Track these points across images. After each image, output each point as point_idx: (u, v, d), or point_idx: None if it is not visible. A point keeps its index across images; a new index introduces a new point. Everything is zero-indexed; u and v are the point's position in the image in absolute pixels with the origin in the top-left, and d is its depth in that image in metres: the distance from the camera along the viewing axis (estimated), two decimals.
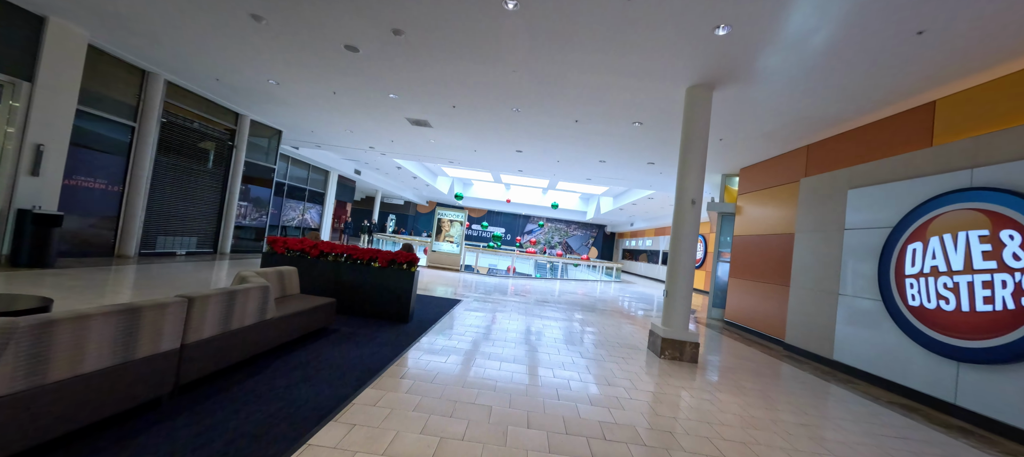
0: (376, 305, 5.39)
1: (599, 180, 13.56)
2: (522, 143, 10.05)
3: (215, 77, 8.06)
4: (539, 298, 9.62)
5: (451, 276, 12.47)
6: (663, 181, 12.14)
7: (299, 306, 3.97)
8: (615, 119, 7.36)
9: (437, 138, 10.62)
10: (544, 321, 6.88)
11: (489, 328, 5.83)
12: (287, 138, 13.16)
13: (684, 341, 5.26)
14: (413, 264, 5.46)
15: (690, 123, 5.57)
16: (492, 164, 12.97)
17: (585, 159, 10.82)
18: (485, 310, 7.27)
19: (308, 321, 4.03)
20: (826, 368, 5.92)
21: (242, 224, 11.25)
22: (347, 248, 5.50)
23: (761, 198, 8.74)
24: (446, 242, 14.72)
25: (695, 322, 9.01)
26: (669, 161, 9.87)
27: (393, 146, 12.28)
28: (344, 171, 20.54)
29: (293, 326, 3.75)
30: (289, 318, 3.67)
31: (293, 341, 4.02)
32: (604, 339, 6.02)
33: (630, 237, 32.03)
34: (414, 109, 8.35)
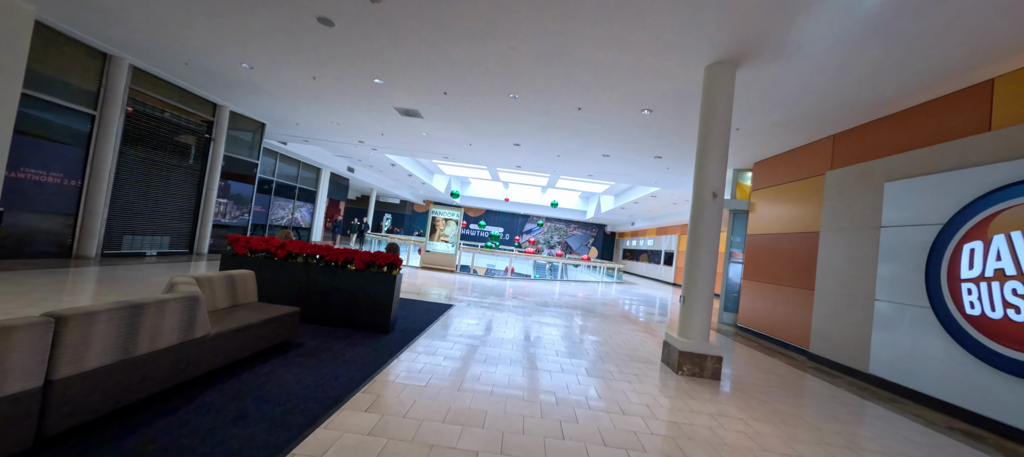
0: (352, 314, 4.71)
1: (601, 176, 12.90)
2: (520, 135, 9.37)
3: (184, 61, 7.36)
4: (538, 301, 8.95)
5: (446, 278, 11.79)
6: (670, 177, 11.47)
7: (249, 318, 3.28)
8: (622, 106, 6.69)
9: (429, 131, 9.93)
10: (544, 329, 6.21)
11: (482, 339, 5.15)
12: (271, 132, 12.46)
13: (705, 355, 4.58)
14: (395, 267, 4.78)
15: (710, 106, 4.89)
16: (489, 159, 12.30)
17: (587, 153, 10.15)
18: (479, 316, 6.59)
19: (260, 336, 3.35)
20: (862, 383, 5.25)
21: (221, 223, 10.55)
22: (319, 248, 4.81)
23: (779, 194, 8.07)
24: (441, 242, 14.04)
25: None
26: (678, 155, 9.20)
27: (384, 140, 11.59)
28: (337, 168, 19.85)
29: (238, 344, 3.06)
30: (231, 335, 2.98)
31: (243, 361, 3.33)
32: (612, 351, 5.34)
33: (631, 237, 31.39)
34: (402, 96, 7.66)
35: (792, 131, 6.84)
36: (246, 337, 3.15)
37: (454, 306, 7.29)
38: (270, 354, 3.62)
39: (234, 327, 3.01)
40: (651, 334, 6.85)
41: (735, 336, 7.92)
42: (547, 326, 6.47)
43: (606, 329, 6.78)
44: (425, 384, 3.39)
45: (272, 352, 3.67)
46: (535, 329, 6.15)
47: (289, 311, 3.79)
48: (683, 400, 3.77)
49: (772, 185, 8.36)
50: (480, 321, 6.24)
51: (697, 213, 4.85)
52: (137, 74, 7.92)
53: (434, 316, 6.16)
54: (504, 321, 6.47)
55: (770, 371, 5.33)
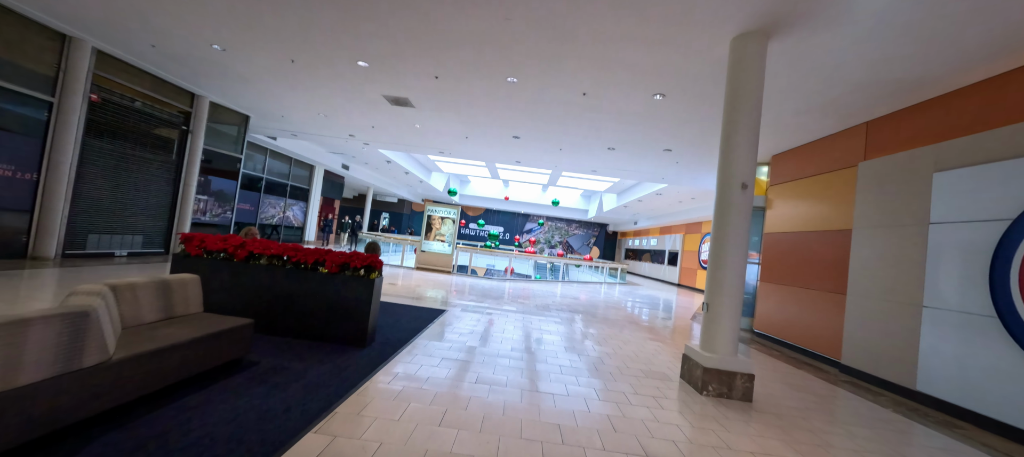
0: (323, 324, 4.05)
1: (606, 172, 12.24)
2: (520, 127, 8.71)
3: (150, 43, 6.71)
4: (539, 304, 8.30)
5: (442, 279, 11.14)
6: (679, 172, 10.81)
7: (178, 335, 2.63)
8: (632, 90, 6.03)
9: (423, 122, 9.28)
10: (546, 337, 5.55)
11: (476, 352, 4.50)
12: (258, 127, 11.81)
13: (734, 372, 3.92)
14: (374, 269, 4.12)
15: (738, 84, 4.23)
16: (487, 154, 11.65)
17: (592, 146, 9.49)
18: (474, 323, 5.93)
19: (194, 358, 2.70)
20: (909, 402, 4.59)
21: (201, 221, 9.91)
22: (286, 248, 4.16)
23: (802, 189, 7.40)
24: (437, 241, 13.39)
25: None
26: (691, 147, 8.53)
27: (375, 134, 10.94)
28: (331, 165, 19.22)
29: (156, 370, 2.41)
30: (145, 359, 2.33)
31: (172, 387, 2.68)
32: (623, 365, 4.68)
33: (633, 236, 30.74)
34: (390, 82, 7.01)
35: (819, 118, 6.17)
36: (170, 360, 2.49)
37: (447, 311, 6.64)
38: (214, 376, 2.97)
39: (150, 349, 2.36)
40: (664, 343, 6.19)
41: (752, 342, 7.26)
42: (549, 334, 5.81)
43: (614, 337, 6.12)
44: (399, 417, 2.73)
45: (216, 374, 3.02)
46: (536, 338, 5.49)
47: (238, 324, 3.13)
48: (715, 431, 3.11)
49: (793, 179, 7.69)
50: (475, 329, 5.59)
51: (723, 208, 4.18)
52: (102, 59, 7.27)
53: (423, 323, 5.50)
54: (502, 329, 5.81)
55: (803, 388, 4.66)
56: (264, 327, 4.06)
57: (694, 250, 20.74)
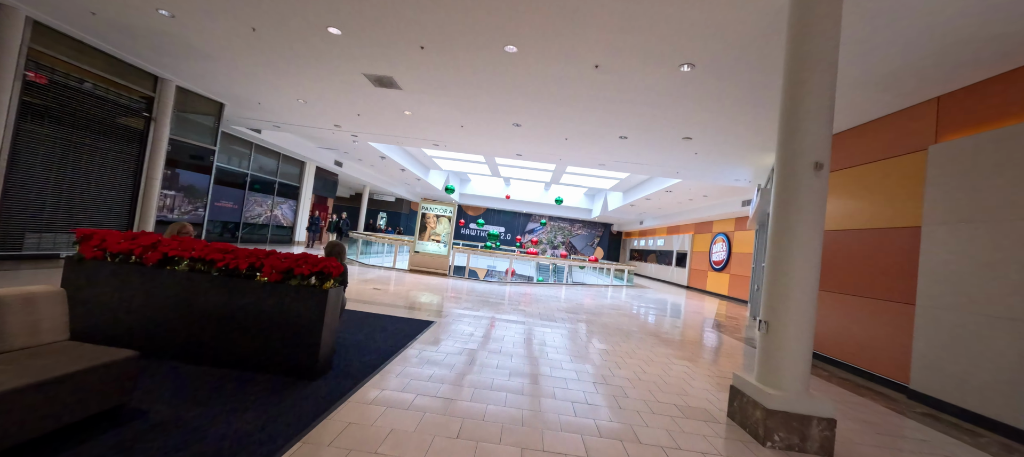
0: (258, 350, 3.07)
1: (614, 166, 11.24)
2: (521, 112, 7.72)
3: (89, 9, 5.75)
4: (543, 311, 7.32)
5: (436, 283, 10.16)
6: (697, 165, 9.79)
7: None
8: (655, 59, 5.03)
9: (412, 107, 8.30)
10: (552, 355, 4.56)
11: (466, 380, 3.51)
12: (234, 116, 10.85)
13: (809, 416, 2.92)
14: (328, 277, 3.14)
15: (807, 33, 3.22)
16: (485, 146, 10.66)
17: (601, 135, 8.49)
18: (466, 338, 4.94)
19: (26, 415, 1.71)
20: (1020, 445, 3.58)
21: (168, 219, 8.96)
22: (213, 249, 3.17)
23: (853, 179, 6.37)
24: (432, 241, 12.41)
25: (739, 341, 6.67)
26: (715, 133, 7.52)
27: (362, 124, 9.97)
28: (323, 162, 18.26)
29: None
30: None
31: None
32: (651, 395, 3.68)
33: (638, 236, 29.75)
34: (369, 56, 6.03)
35: (877, 93, 5.16)
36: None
37: (436, 322, 5.65)
38: (68, 440, 1.99)
39: None
40: (693, 362, 5.18)
41: None
42: (555, 352, 4.82)
43: (632, 353, 5.12)
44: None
45: (74, 436, 2.04)
46: (540, 358, 4.50)
47: (114, 358, 2.16)
48: None
49: (841, 168, 6.66)
50: (466, 347, 4.60)
51: (787, 195, 3.18)
52: (41, 32, 6.32)
53: (405, 340, 4.52)
54: (499, 346, 4.82)
55: (888, 429, 3.65)
56: (181, 354, 3.08)
57: (704, 251, 19.74)
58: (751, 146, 7.96)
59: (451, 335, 5.09)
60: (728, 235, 17.87)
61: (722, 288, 17.73)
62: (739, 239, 17.09)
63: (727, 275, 17.55)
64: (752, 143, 7.78)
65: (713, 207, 17.77)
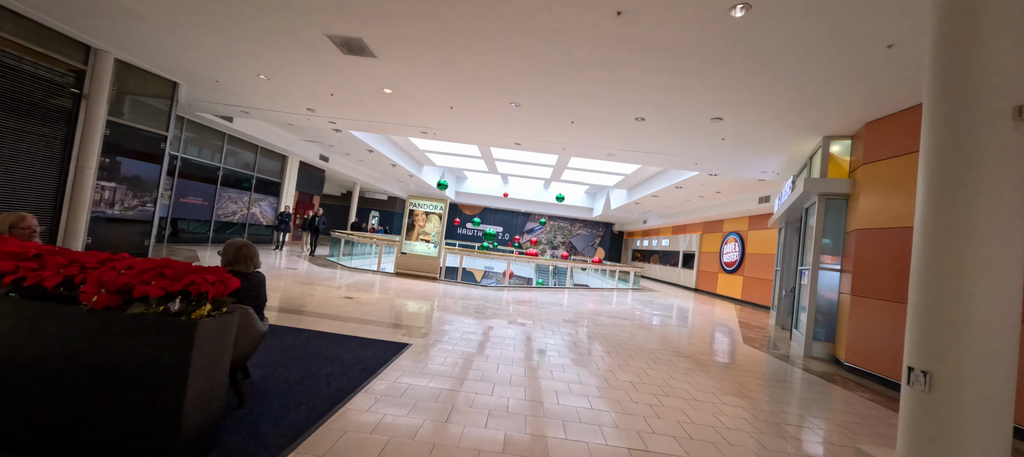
0: (75, 419, 1.81)
1: (625, 155, 9.99)
2: (520, 87, 6.49)
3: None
4: (544, 321, 6.07)
5: (423, 289, 8.90)
6: (723, 153, 8.55)
7: None
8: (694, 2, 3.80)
9: (392, 83, 7.05)
10: (563, 400, 3.31)
11: (438, 452, 2.26)
12: (194, 99, 9.55)
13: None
14: (206, 300, 1.88)
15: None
16: (479, 132, 9.40)
17: (615, 116, 7.26)
18: (449, 368, 3.69)
19: None
20: None
21: (108, 215, 7.66)
22: (18, 250, 1.91)
23: (906, 168, 5.18)
24: (420, 241, 11.14)
25: (784, 361, 5.40)
26: (755, 110, 6.29)
27: (338, 106, 8.71)
28: (307, 156, 16.97)
29: None
30: None
31: None
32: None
33: (641, 236, 28.56)
34: (327, 6, 4.77)
35: None
36: None
37: (412, 345, 4.39)
38: None
39: None
40: (750, 399, 3.95)
41: (840, 379, 5.03)
42: (566, 390, 3.57)
43: (667, 387, 3.88)
44: None
45: None
46: (546, 399, 3.25)
47: None
48: None
49: (899, 155, 5.46)
50: (445, 387, 3.34)
51: (954, 166, 1.95)
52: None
53: (361, 377, 3.26)
54: (490, 382, 3.57)
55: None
56: None
57: (714, 251, 18.56)
58: (793, 127, 6.74)
59: (428, 366, 3.83)
60: (741, 234, 16.69)
61: (734, 291, 16.54)
62: (753, 239, 15.91)
63: (740, 277, 16.37)
64: (795, 122, 6.56)
65: (725, 205, 16.58)
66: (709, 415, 3.38)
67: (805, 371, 5.55)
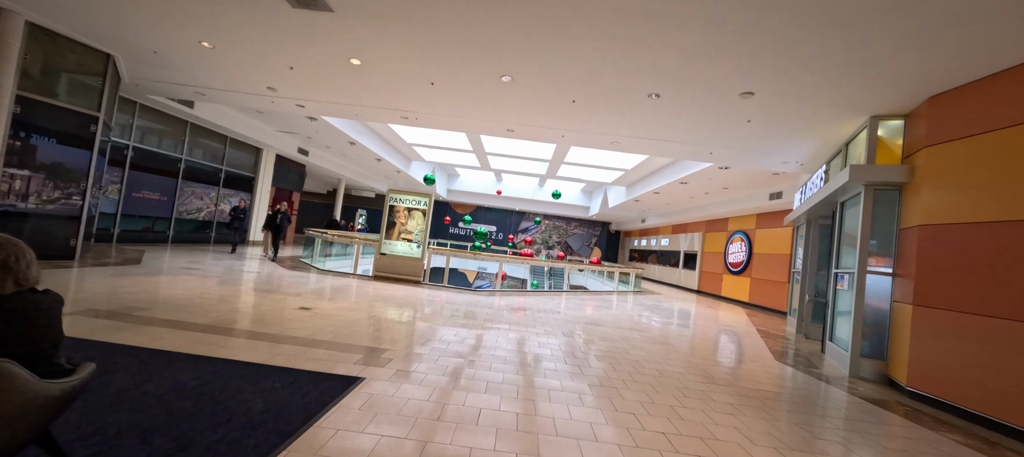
0: None
1: (630, 144, 8.90)
2: (512, 57, 5.38)
3: None
4: (541, 334, 4.96)
5: (403, 295, 7.74)
6: (745, 138, 7.49)
7: None
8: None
9: (360, 53, 5.90)
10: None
11: None
12: (138, 77, 8.28)
13: None
14: None
15: None
16: (466, 115, 8.26)
17: (624, 92, 6.17)
18: (408, 414, 2.57)
19: None
20: None
21: (19, 210, 6.41)
22: None
23: (996, 148, 4.16)
24: (402, 241, 9.98)
25: (808, 375, 4.35)
26: (793, 85, 5.23)
27: (300, 82, 7.52)
28: (284, 149, 15.73)
29: None
30: None
31: None
32: None
33: (639, 236, 27.62)
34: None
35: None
36: None
37: (364, 380, 3.25)
38: None
39: None
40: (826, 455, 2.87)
41: (910, 411, 3.99)
42: (570, 451, 2.47)
43: (713, 441, 2.79)
44: None
45: None
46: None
47: None
48: None
49: (978, 133, 4.44)
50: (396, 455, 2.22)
51: None
52: None
53: (263, 449, 2.12)
54: (464, 437, 2.44)
55: None
56: None
57: (718, 251, 17.63)
58: (835, 105, 5.70)
59: (382, 413, 2.70)
60: (748, 233, 15.75)
61: (741, 294, 15.59)
62: (762, 238, 14.97)
63: (747, 279, 15.42)
64: (839, 99, 5.52)
65: (732, 202, 15.62)
66: None
67: (862, 399, 4.50)
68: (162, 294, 5.33)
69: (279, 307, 5.40)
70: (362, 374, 3.36)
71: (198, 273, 7.33)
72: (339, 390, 2.97)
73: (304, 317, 5.04)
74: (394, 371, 3.54)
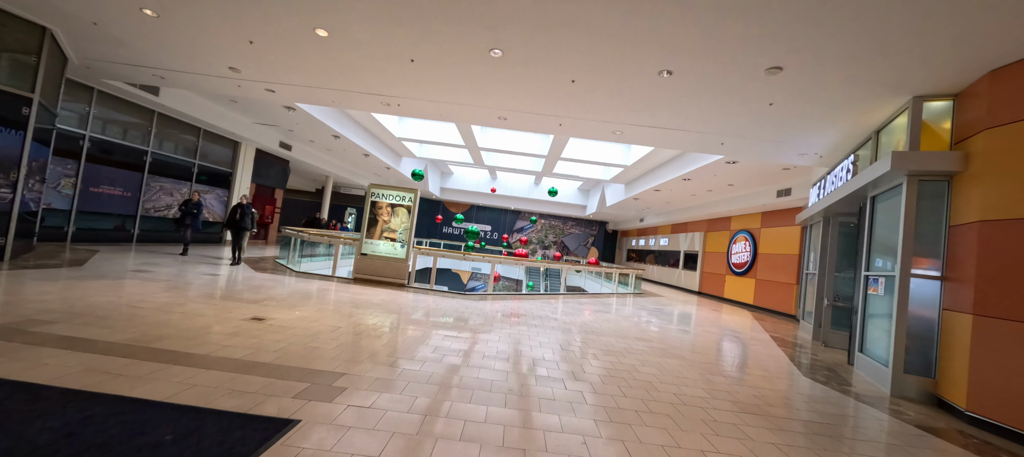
0: None
1: (635, 133, 8.12)
2: (503, 25, 4.58)
3: None
4: (537, 348, 4.15)
5: (381, 300, 6.91)
6: (763, 124, 6.73)
7: None
8: None
9: (327, 22, 5.08)
10: None
11: None
12: (84, 56, 7.38)
13: None
14: None
15: None
16: (453, 101, 7.43)
17: (633, 68, 5.39)
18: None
19: None
20: None
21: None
22: None
23: None
24: (384, 240, 9.14)
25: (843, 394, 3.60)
26: (828, 61, 4.47)
27: (264, 61, 6.67)
28: (265, 143, 14.82)
29: None
30: None
31: None
32: None
33: (637, 235, 26.92)
34: None
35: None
36: None
37: (299, 424, 2.44)
38: None
39: None
40: None
41: (962, 439, 3.24)
42: None
43: None
44: None
45: None
46: None
47: None
48: None
49: None
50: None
51: None
52: None
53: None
54: None
55: None
56: None
57: (720, 251, 16.94)
58: (872, 82, 4.95)
59: None
60: (753, 233, 15.06)
61: (745, 295, 14.90)
62: (767, 237, 14.29)
63: (752, 280, 14.73)
64: (877, 75, 4.77)
65: (736, 200, 14.92)
66: None
67: (916, 427, 3.74)
68: (83, 303, 4.48)
69: (225, 318, 4.56)
70: (297, 415, 2.54)
71: (147, 277, 6.46)
72: (255, 444, 2.15)
73: (252, 331, 4.21)
74: (344, 408, 2.72)
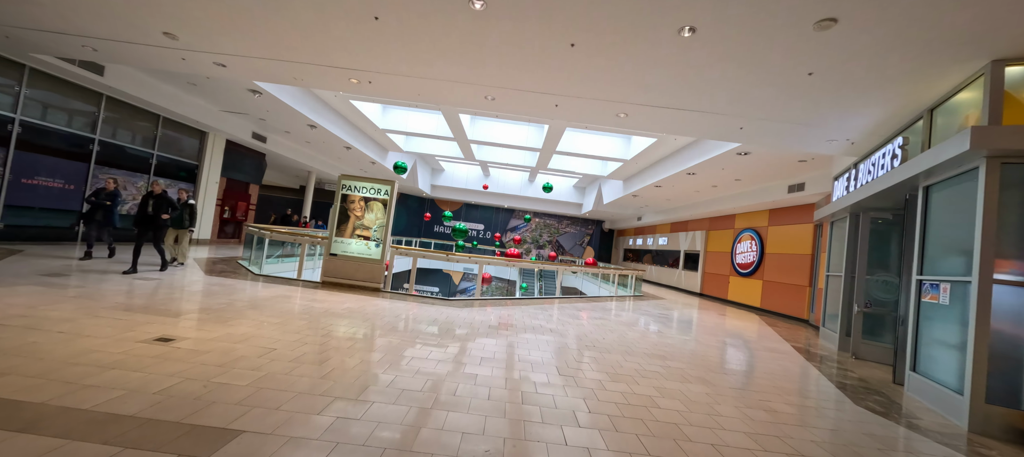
0: None
1: (643, 118, 7.11)
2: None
3: None
4: (529, 370, 3.11)
5: (349, 309, 5.84)
6: (793, 103, 5.75)
7: None
8: None
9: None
10: None
11: None
12: (9, 26, 6.21)
13: None
14: None
15: None
16: (427, 72, 6.37)
17: (648, 23, 4.37)
18: None
19: None
20: None
21: None
22: None
23: None
24: (357, 238, 8.05)
25: (911, 430, 2.68)
26: (896, 18, 3.48)
27: (198, 22, 5.57)
28: (236, 134, 13.63)
29: None
30: None
31: None
32: None
33: (634, 234, 26.04)
34: None
35: None
36: None
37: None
38: None
39: None
40: None
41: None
42: None
43: None
44: None
45: None
46: None
47: None
48: None
49: None
50: None
51: None
52: None
53: None
54: None
55: None
56: None
57: (724, 251, 16.06)
58: (941, 41, 3.98)
59: None
60: (759, 231, 14.19)
61: (751, 298, 14.03)
62: (775, 236, 13.41)
63: (759, 281, 13.86)
64: (947, 33, 3.80)
65: (741, 196, 14.02)
66: None
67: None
68: None
69: (119, 339, 3.47)
70: None
71: (54, 285, 5.32)
72: None
73: (142, 360, 3.12)
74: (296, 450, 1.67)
